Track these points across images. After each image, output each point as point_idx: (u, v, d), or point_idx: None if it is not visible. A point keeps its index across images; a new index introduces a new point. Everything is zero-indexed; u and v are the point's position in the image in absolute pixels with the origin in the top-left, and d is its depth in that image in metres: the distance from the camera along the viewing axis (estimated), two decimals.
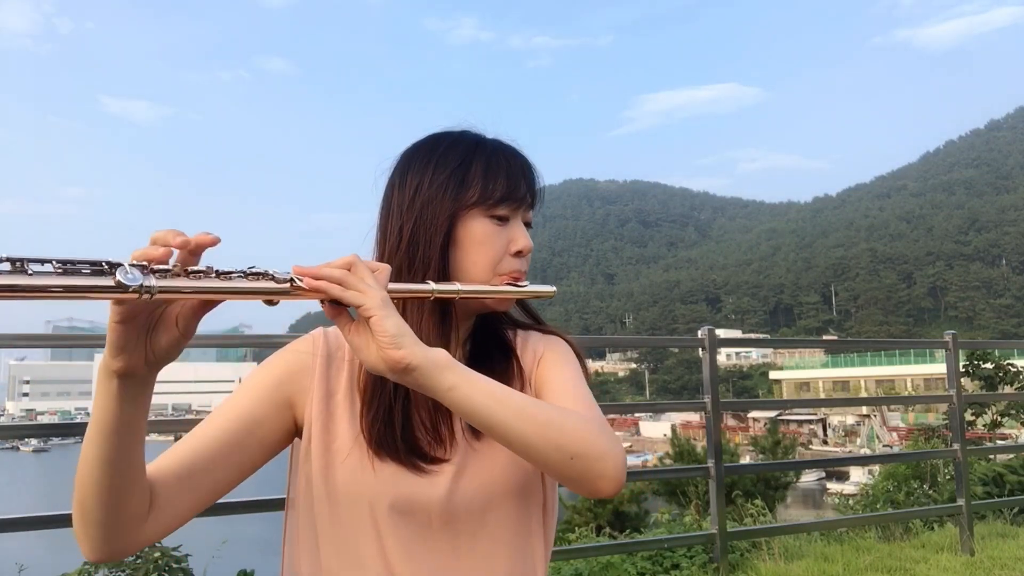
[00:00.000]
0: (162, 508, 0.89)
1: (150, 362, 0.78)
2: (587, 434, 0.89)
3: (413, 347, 0.82)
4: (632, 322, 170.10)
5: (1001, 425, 8.37)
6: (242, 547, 4.81)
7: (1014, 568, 4.55)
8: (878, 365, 60.28)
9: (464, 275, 1.02)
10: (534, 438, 0.86)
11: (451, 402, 0.84)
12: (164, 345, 0.78)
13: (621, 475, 0.91)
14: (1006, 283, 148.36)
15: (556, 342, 1.12)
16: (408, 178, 1.05)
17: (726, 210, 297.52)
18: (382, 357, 0.81)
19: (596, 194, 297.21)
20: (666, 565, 4.36)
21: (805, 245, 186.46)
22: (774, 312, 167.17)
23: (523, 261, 1.06)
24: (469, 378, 0.85)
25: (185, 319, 0.78)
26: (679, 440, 14.33)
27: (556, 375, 1.06)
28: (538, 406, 0.90)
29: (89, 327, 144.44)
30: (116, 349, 0.75)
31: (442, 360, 0.84)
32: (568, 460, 0.87)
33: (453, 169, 1.03)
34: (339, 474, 0.98)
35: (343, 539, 0.97)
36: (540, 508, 1.06)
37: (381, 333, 0.80)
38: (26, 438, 52.29)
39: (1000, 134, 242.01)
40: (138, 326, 0.76)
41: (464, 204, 1.02)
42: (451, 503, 0.97)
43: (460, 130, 1.10)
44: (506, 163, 1.06)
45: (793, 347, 69.81)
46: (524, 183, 1.06)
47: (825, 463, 20.90)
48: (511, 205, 1.04)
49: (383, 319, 0.81)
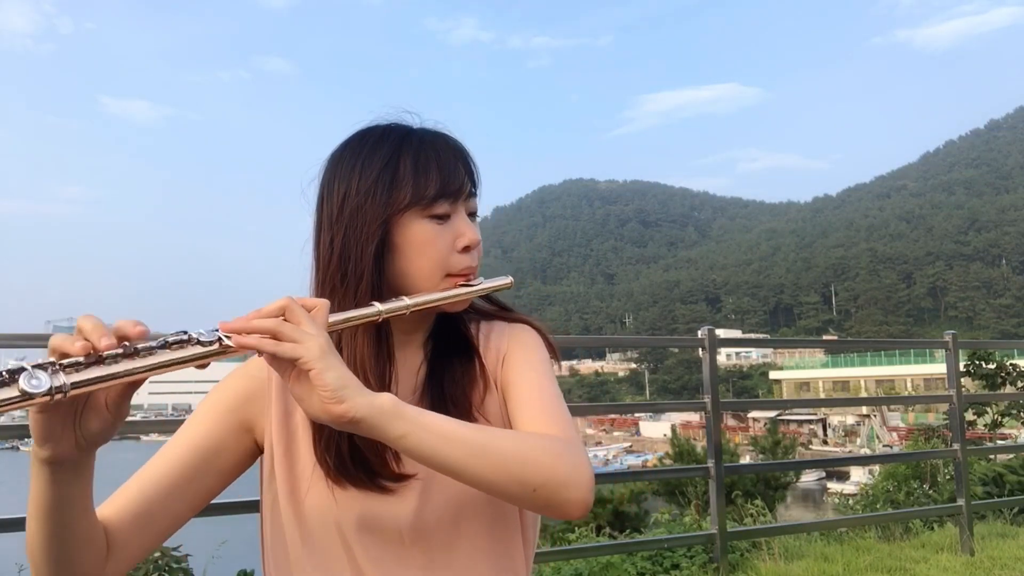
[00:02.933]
0: (120, 549, 0.86)
1: (81, 447, 0.73)
2: (549, 461, 0.83)
3: (356, 399, 0.76)
4: (632, 322, 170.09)
5: (1001, 425, 8.37)
6: (242, 547, 4.80)
7: (1014, 568, 4.55)
8: (878, 365, 60.25)
9: (411, 282, 0.96)
10: (493, 475, 0.81)
11: (403, 449, 0.79)
12: (95, 430, 0.73)
13: (588, 497, 0.85)
14: (1006, 283, 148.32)
15: (521, 334, 1.03)
16: (335, 185, 0.97)
17: (726, 210, 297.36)
18: (325, 410, 0.76)
19: (596, 194, 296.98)
20: (666, 565, 4.36)
21: (805, 245, 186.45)
22: (774, 312, 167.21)
23: (473, 255, 0.98)
24: (419, 421, 0.79)
25: (115, 402, 0.73)
26: (679, 440, 14.35)
27: (521, 379, 0.98)
28: (493, 438, 0.83)
29: None
30: (41, 439, 0.70)
31: (388, 407, 0.78)
32: (531, 492, 0.83)
33: (380, 170, 0.95)
34: (305, 498, 0.95)
35: (314, 560, 0.94)
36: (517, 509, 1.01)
37: (322, 387, 0.75)
38: (26, 438, 52.45)
39: (1000, 134, 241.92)
40: (62, 415, 0.70)
41: (397, 207, 0.94)
42: (421, 518, 0.94)
43: (386, 124, 1.01)
44: (435, 155, 0.97)
45: (793, 347, 69.87)
46: (460, 172, 0.98)
47: (825, 463, 20.94)
48: (448, 201, 0.96)
49: (322, 372, 0.75)
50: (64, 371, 0.65)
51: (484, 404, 0.99)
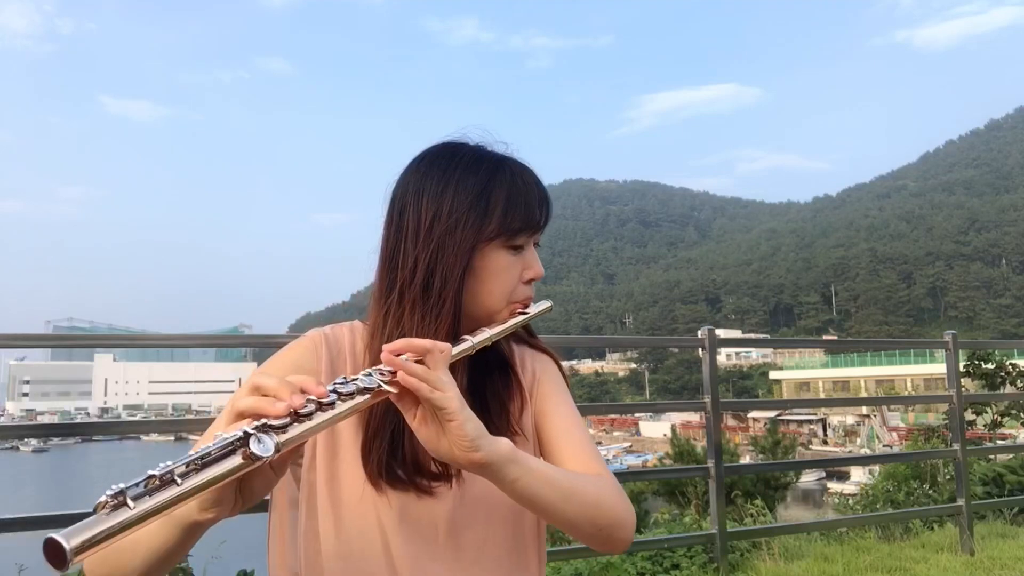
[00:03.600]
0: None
1: (238, 510, 0.74)
2: (614, 505, 0.96)
3: (488, 448, 0.82)
4: (632, 322, 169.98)
5: (1001, 425, 8.36)
6: (242, 547, 4.79)
7: (1014, 568, 4.55)
8: (878, 365, 60.21)
9: (479, 305, 1.01)
10: (575, 517, 0.92)
11: (512, 492, 0.86)
12: (257, 493, 0.74)
13: (631, 537, 1.00)
14: (1006, 283, 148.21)
15: (548, 365, 1.13)
16: (424, 202, 0.99)
17: (726, 210, 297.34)
18: (457, 457, 0.81)
19: (596, 194, 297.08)
20: (666, 565, 4.35)
21: (805, 245, 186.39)
22: (774, 312, 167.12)
23: (533, 286, 1.06)
24: (529, 467, 0.87)
25: (280, 461, 0.72)
26: (679, 440, 14.38)
27: (557, 410, 1.08)
28: (577, 484, 0.93)
29: (89, 327, 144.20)
30: (210, 503, 0.71)
31: (507, 453, 0.84)
32: (597, 531, 0.95)
33: (475, 197, 0.99)
34: (345, 485, 0.97)
35: (348, 551, 0.96)
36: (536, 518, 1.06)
37: (461, 437, 0.80)
38: (26, 438, 52.44)
39: (1000, 134, 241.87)
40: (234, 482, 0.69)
41: (485, 236, 0.99)
42: (455, 518, 0.98)
43: (475, 145, 1.05)
44: (524, 190, 1.03)
45: (793, 347, 69.93)
46: (541, 209, 1.05)
47: (825, 463, 20.92)
48: (528, 234, 1.03)
49: (463, 423, 0.79)
50: (276, 431, 0.66)
51: (522, 418, 1.07)
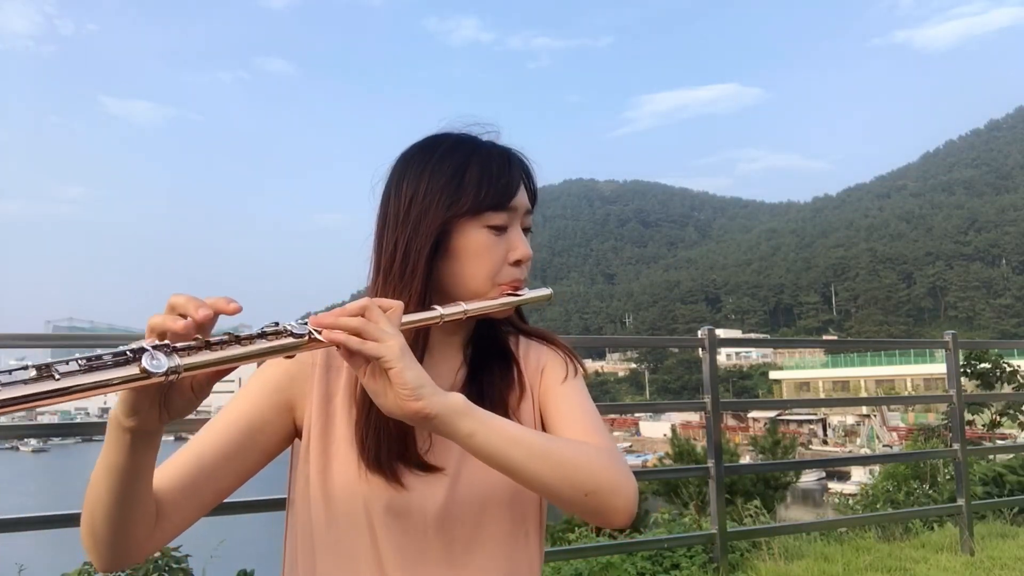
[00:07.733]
0: (167, 517, 0.89)
1: (163, 422, 0.78)
2: (601, 469, 0.90)
3: (432, 397, 0.81)
4: (632, 322, 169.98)
5: (1000, 425, 8.35)
6: (242, 547, 4.80)
7: (1014, 568, 4.55)
8: (878, 365, 60.23)
9: (461, 286, 1.01)
10: (550, 478, 0.87)
11: (469, 447, 0.84)
12: (178, 408, 0.78)
13: (633, 507, 0.92)
14: (1006, 283, 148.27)
15: (555, 357, 1.11)
16: (404, 186, 1.01)
17: (726, 210, 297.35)
18: (401, 407, 0.81)
19: (596, 194, 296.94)
20: (666, 565, 4.35)
21: (805, 245, 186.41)
22: (774, 312, 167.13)
23: (522, 269, 1.04)
24: (486, 422, 0.85)
25: (200, 385, 0.77)
26: (679, 440, 14.37)
27: (563, 395, 1.05)
28: (552, 444, 0.90)
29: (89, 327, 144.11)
30: (129, 411, 0.75)
31: (460, 406, 0.83)
32: (583, 496, 0.89)
33: (448, 177, 1.00)
34: (336, 476, 0.98)
35: (338, 541, 0.97)
36: (536, 509, 1.05)
37: (401, 385, 0.79)
38: (26, 438, 52.47)
39: (1000, 134, 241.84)
40: (152, 392, 0.74)
41: (457, 214, 0.99)
42: (447, 510, 0.97)
43: (458, 132, 1.06)
44: (500, 168, 1.02)
45: (793, 347, 69.73)
46: (520, 189, 1.03)
47: (825, 463, 20.89)
48: (505, 213, 1.01)
49: (402, 371, 0.79)
50: (178, 353, 0.69)
51: (520, 408, 1.05)
